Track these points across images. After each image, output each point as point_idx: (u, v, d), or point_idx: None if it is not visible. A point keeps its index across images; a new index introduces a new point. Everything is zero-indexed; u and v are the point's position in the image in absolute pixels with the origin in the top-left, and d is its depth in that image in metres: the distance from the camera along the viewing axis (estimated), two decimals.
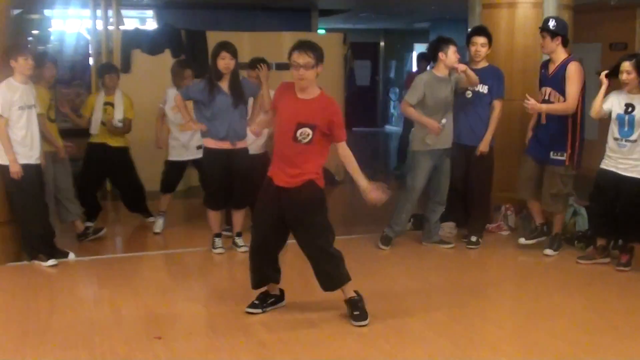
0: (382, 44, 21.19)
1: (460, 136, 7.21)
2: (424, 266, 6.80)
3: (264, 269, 5.24)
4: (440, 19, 17.33)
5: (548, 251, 6.99)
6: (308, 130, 4.97)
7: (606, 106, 6.49)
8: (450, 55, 6.92)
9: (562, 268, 6.68)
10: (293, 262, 4.99)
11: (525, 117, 7.25)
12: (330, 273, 5.13)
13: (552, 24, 6.79)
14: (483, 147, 7.16)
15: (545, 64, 6.98)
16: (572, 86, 6.66)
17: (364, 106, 19.70)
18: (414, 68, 21.06)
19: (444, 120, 6.96)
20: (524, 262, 6.90)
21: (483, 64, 7.24)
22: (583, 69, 6.78)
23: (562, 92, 6.72)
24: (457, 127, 7.20)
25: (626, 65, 6.35)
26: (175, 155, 7.89)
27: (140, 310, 5.47)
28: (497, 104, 7.16)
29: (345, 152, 5.13)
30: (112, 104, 7.85)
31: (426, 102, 6.94)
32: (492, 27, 7.60)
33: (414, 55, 21.95)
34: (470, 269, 6.78)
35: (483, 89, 7.16)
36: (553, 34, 6.75)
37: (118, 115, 7.87)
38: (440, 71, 7.01)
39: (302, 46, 4.94)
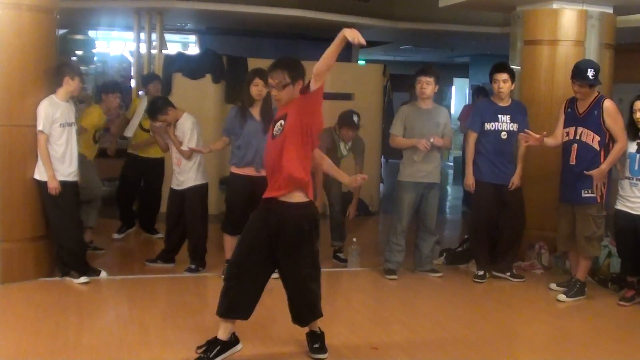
0: None
1: (495, 176, 7.09)
2: (456, 302, 6.73)
3: (239, 296, 4.70)
4: (480, 54, 17.32)
5: (561, 297, 6.69)
6: (281, 121, 4.68)
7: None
8: (416, 86, 6.90)
9: (594, 309, 6.55)
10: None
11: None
12: (310, 306, 4.82)
13: (591, 74, 6.55)
14: (517, 179, 7.06)
15: (572, 102, 6.77)
16: (618, 123, 6.53)
17: None
18: (451, 101, 21.03)
19: (432, 139, 6.87)
20: (553, 302, 6.76)
21: (508, 101, 7.12)
22: None
23: (596, 130, 6.55)
24: (492, 168, 7.09)
25: (638, 105, 6.34)
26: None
27: (169, 332, 5.48)
28: None
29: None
30: None
31: (407, 135, 6.96)
32: (533, 64, 7.57)
33: (453, 89, 21.94)
34: (502, 306, 6.70)
35: (514, 127, 7.05)
36: (592, 86, 6.59)
37: None
38: (421, 102, 7.01)
39: (276, 65, 4.66)
